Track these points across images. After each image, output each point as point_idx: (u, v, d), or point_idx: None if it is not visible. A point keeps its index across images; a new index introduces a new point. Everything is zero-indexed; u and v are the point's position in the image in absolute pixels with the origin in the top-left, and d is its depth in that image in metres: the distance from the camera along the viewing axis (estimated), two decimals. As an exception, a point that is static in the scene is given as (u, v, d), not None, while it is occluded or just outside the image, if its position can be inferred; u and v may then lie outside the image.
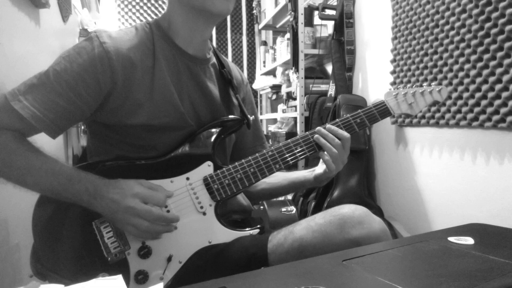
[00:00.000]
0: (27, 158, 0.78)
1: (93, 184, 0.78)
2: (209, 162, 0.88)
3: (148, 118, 0.85)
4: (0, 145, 0.77)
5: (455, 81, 1.41)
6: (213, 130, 0.91)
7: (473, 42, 1.32)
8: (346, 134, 0.92)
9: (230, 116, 0.95)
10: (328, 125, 0.93)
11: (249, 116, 0.97)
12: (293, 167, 0.98)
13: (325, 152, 0.92)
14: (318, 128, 0.93)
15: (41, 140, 0.83)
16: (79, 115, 0.83)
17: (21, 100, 0.77)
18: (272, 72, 3.16)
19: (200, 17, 0.89)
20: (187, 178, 0.86)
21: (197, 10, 0.87)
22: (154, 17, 4.15)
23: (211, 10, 0.86)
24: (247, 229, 0.87)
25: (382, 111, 0.96)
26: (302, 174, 1.05)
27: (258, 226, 0.88)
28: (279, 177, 1.08)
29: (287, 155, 0.90)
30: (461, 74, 1.38)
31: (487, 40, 1.27)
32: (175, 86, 0.89)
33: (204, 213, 0.86)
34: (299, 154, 0.91)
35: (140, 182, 0.80)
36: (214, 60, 1.00)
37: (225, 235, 0.85)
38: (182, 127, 0.90)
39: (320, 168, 0.99)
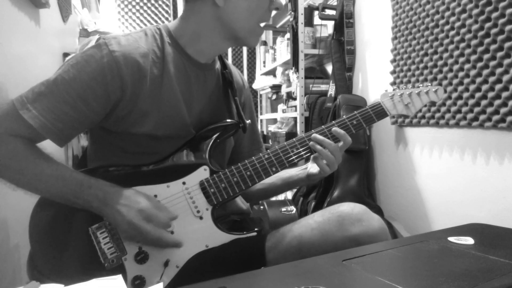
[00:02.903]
0: (38, 165, 0.78)
1: (103, 191, 0.78)
2: (205, 167, 0.87)
3: (154, 128, 0.85)
4: (11, 152, 0.77)
5: (455, 81, 1.41)
6: (209, 134, 0.91)
7: (473, 42, 1.32)
8: (348, 138, 0.91)
9: (227, 120, 0.95)
10: (323, 130, 0.92)
11: (245, 120, 0.96)
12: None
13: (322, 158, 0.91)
14: (314, 135, 0.91)
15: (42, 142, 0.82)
16: (87, 123, 0.83)
17: (29, 109, 0.76)
18: (272, 72, 3.16)
19: (231, 40, 0.91)
20: (184, 183, 0.86)
21: (233, 36, 0.89)
22: (154, 17, 4.17)
23: (248, 43, 0.92)
24: (244, 232, 0.86)
25: (378, 112, 0.95)
26: (295, 173, 1.04)
27: (256, 229, 0.87)
28: (273, 177, 1.07)
29: (283, 158, 0.90)
30: (461, 74, 1.38)
31: (487, 40, 1.27)
32: (183, 95, 0.88)
33: (200, 217, 0.85)
34: (295, 156, 0.91)
35: (149, 198, 0.80)
36: (218, 63, 1.00)
37: (222, 239, 0.85)
38: (184, 136, 0.90)
39: (314, 168, 0.98)
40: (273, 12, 0.93)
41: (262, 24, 0.90)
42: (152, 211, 0.78)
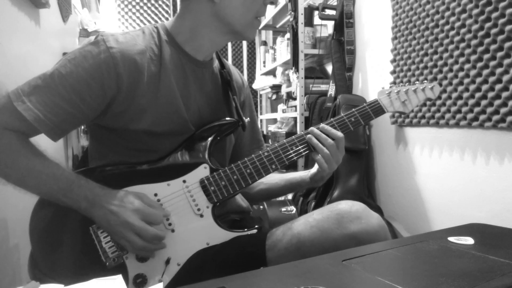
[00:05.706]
0: (29, 161, 0.78)
1: (93, 192, 0.78)
2: (205, 165, 0.88)
3: (152, 124, 0.85)
4: (3, 145, 0.77)
5: (455, 81, 1.41)
6: (209, 132, 0.91)
7: (473, 42, 1.32)
8: (339, 134, 0.91)
9: (226, 119, 0.95)
10: (321, 125, 0.93)
11: (244, 118, 0.97)
12: (291, 167, 0.98)
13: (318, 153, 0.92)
14: (311, 128, 0.93)
15: (41, 140, 0.82)
16: (82, 119, 0.83)
17: (24, 101, 0.76)
18: (272, 72, 3.16)
19: (229, 35, 0.91)
20: (184, 181, 0.86)
21: (231, 30, 0.89)
22: (154, 17, 4.16)
23: (246, 37, 0.92)
24: (245, 229, 0.86)
25: (375, 109, 0.97)
26: (298, 174, 1.05)
27: (256, 226, 0.88)
28: (276, 178, 1.08)
29: (282, 155, 0.90)
30: (461, 74, 1.38)
31: (487, 40, 1.27)
32: (181, 92, 0.89)
33: (201, 215, 0.85)
34: (294, 154, 0.91)
35: (140, 197, 0.80)
36: (217, 62, 1.00)
37: (223, 236, 0.85)
38: (184, 133, 0.90)
39: (314, 168, 0.99)
40: (268, 6, 0.94)
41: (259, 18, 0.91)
42: (146, 209, 0.78)
